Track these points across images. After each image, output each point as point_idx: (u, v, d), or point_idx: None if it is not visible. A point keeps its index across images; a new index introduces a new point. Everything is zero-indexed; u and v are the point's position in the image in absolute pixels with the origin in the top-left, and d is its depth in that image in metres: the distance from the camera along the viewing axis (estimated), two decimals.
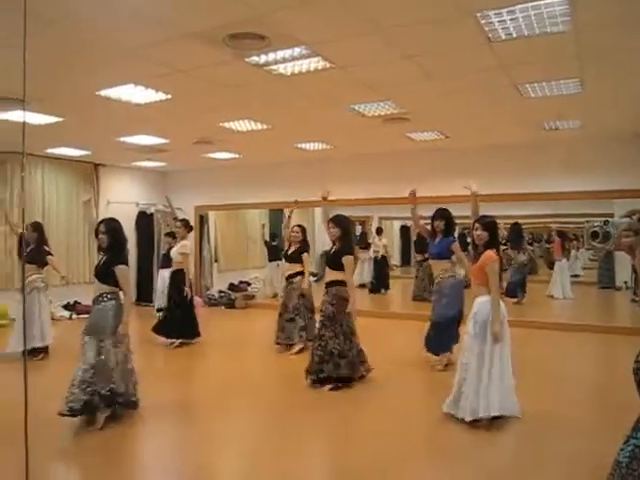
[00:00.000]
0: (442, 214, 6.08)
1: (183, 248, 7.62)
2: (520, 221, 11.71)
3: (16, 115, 6.58)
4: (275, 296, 12.34)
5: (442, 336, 5.91)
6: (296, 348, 6.96)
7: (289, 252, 7.36)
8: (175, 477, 3.69)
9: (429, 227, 6.23)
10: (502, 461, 3.89)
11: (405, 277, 14.67)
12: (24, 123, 5.91)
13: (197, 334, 7.60)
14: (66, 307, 9.98)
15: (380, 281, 13.41)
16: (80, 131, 7.97)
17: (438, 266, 6.05)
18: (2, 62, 4.69)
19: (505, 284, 11.37)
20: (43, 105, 6.21)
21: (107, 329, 4.38)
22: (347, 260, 5.42)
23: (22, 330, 6.31)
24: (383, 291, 13.37)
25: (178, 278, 7.56)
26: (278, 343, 7.17)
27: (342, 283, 5.47)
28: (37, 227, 6.80)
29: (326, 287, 5.58)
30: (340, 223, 5.60)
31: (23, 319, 5.77)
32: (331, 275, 5.58)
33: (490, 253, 4.26)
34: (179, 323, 7.43)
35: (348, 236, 5.65)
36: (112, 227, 4.59)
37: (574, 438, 4.14)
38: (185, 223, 7.99)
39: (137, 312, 10.29)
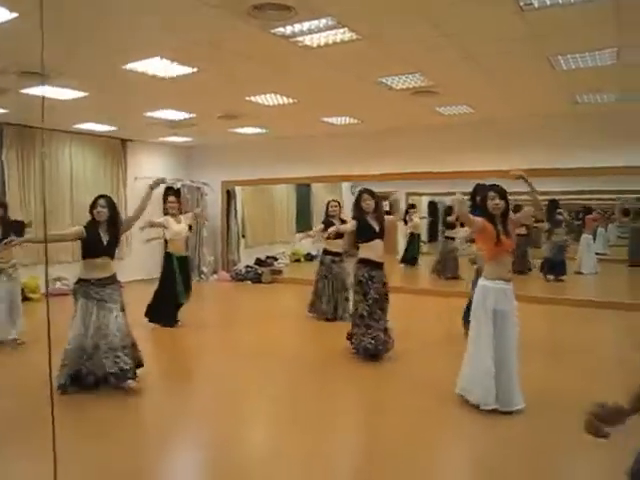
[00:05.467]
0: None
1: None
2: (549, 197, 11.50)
3: (42, 90, 6.61)
4: None
5: None
6: None
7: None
8: (202, 448, 3.75)
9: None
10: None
11: (433, 253, 14.48)
12: (43, 97, 5.93)
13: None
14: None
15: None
16: (106, 106, 7.99)
17: None
18: (26, 36, 4.69)
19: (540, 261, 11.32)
20: (68, 80, 6.22)
21: None
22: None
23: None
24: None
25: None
26: None
27: None
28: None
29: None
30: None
31: (46, 301, 5.90)
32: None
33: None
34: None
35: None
36: (112, 202, 4.78)
37: None
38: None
39: None
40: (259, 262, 12.99)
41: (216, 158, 12.28)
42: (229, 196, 12.34)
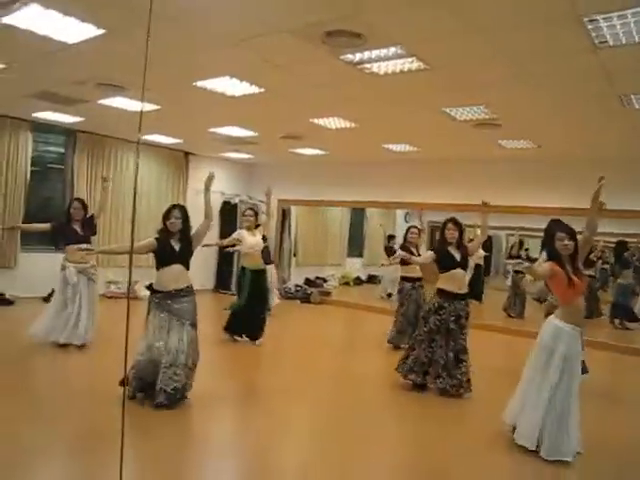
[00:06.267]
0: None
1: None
2: (612, 239, 11.16)
3: (117, 102, 6.91)
4: (389, 296, 12.28)
5: None
6: None
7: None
8: (234, 463, 3.78)
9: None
10: None
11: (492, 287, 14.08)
12: (141, 112, 6.14)
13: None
14: (149, 288, 10.30)
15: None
16: (175, 120, 8.25)
17: None
18: (108, 50, 4.93)
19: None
20: (142, 93, 6.46)
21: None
22: None
23: (55, 320, 6.09)
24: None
25: None
26: None
27: None
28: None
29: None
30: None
31: (127, 308, 5.28)
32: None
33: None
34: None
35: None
36: (186, 213, 4.68)
37: None
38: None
39: (217, 299, 10.61)
40: (308, 282, 13.06)
41: (274, 176, 12.41)
42: (284, 214, 12.49)
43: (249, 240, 6.96)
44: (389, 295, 12.25)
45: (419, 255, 6.82)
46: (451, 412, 5.05)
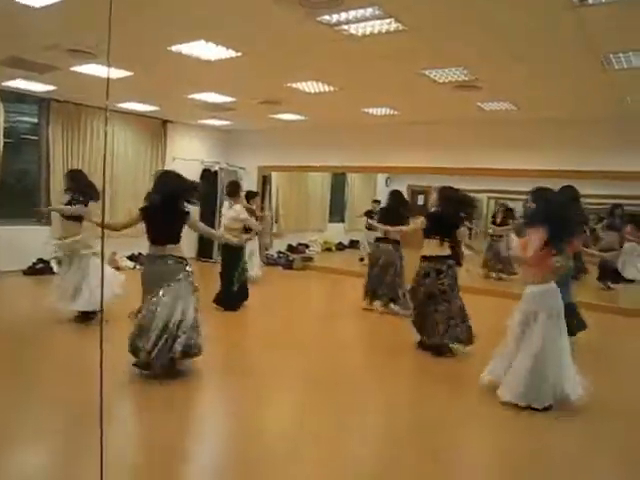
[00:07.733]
0: None
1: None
2: (590, 201, 11.22)
3: (89, 68, 6.74)
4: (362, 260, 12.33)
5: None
6: None
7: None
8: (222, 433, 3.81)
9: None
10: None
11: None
12: (108, 78, 6.02)
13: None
14: (130, 258, 10.31)
15: None
16: (150, 86, 8.09)
17: None
18: (76, 15, 4.78)
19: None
20: (114, 59, 6.30)
21: None
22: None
23: (65, 290, 5.98)
24: None
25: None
26: None
27: None
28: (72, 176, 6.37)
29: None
30: None
31: (101, 277, 4.93)
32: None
33: None
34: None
35: None
36: None
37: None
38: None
39: (199, 267, 10.55)
40: (291, 248, 13.06)
41: (253, 143, 12.33)
42: (265, 181, 12.41)
43: (226, 213, 7.02)
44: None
45: None
46: (442, 369, 5.23)
